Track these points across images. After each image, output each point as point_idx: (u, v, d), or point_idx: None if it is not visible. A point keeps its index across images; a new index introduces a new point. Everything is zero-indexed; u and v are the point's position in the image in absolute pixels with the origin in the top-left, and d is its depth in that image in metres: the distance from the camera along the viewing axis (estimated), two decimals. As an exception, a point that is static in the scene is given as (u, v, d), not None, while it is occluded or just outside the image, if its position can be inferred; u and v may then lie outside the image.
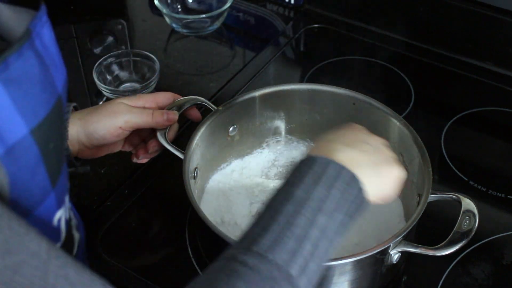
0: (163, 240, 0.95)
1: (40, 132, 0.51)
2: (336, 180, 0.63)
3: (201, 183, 0.96)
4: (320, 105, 0.99)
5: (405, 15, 1.26)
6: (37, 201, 0.52)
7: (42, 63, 0.52)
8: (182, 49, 1.27)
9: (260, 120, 1.00)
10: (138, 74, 1.18)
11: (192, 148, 0.89)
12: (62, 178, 0.56)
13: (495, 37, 1.19)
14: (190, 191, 0.83)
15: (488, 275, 0.90)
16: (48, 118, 0.52)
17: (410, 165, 0.90)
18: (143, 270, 0.89)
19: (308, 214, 0.61)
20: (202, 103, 0.95)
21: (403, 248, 0.80)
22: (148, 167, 1.02)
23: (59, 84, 0.55)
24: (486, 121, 1.14)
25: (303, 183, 0.63)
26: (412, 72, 1.21)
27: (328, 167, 0.64)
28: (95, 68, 1.13)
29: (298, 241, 0.59)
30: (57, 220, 0.56)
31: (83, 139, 0.85)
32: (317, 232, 0.60)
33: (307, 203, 0.61)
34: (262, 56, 1.24)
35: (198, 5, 1.33)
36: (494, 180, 1.02)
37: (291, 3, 1.34)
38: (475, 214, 0.81)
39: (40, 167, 0.52)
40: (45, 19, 0.54)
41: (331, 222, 0.62)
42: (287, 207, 0.61)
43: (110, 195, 0.99)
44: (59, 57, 0.57)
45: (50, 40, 0.54)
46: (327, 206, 0.62)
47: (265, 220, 0.61)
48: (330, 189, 0.63)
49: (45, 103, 0.52)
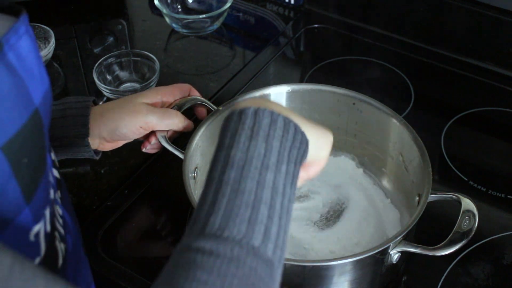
0: (163, 240, 0.95)
1: (11, 148, 0.49)
2: (271, 128, 0.59)
3: (203, 183, 0.95)
4: (320, 105, 0.99)
5: (405, 15, 1.26)
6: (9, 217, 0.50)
7: (15, 77, 0.50)
8: (182, 49, 1.27)
9: None
10: (138, 74, 1.18)
11: (192, 148, 0.89)
12: (40, 192, 0.54)
13: (495, 37, 1.19)
14: (190, 191, 0.83)
15: (488, 275, 0.90)
16: (20, 133, 0.50)
17: (410, 165, 0.90)
18: (143, 270, 0.89)
19: (252, 175, 0.56)
20: (202, 103, 0.95)
21: (403, 248, 0.80)
22: (148, 167, 1.02)
23: (37, 96, 0.53)
24: (486, 121, 1.14)
25: (238, 142, 0.58)
26: (412, 72, 1.21)
27: (258, 116, 0.59)
28: (95, 68, 1.13)
29: (251, 208, 0.54)
30: (34, 235, 0.53)
31: (104, 134, 0.88)
32: (267, 191, 0.56)
33: (248, 164, 0.56)
34: (262, 56, 1.24)
35: (198, 5, 1.33)
36: (494, 180, 1.02)
37: (291, 3, 1.34)
38: (475, 214, 0.81)
39: (11, 183, 0.49)
40: (23, 30, 0.51)
41: (279, 176, 0.57)
42: (229, 174, 0.56)
43: (110, 195, 0.99)
44: (40, 68, 0.54)
45: (28, 51, 0.52)
46: (270, 160, 0.57)
47: (211, 196, 0.55)
48: (267, 141, 0.58)
49: (15, 119, 0.50)
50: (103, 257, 0.90)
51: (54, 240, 0.58)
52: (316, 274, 0.80)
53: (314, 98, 0.99)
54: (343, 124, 0.99)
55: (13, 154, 0.49)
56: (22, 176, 0.51)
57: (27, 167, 0.51)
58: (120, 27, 1.29)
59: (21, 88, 0.51)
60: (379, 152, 0.98)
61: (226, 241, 0.52)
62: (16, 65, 0.51)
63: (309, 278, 0.81)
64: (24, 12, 0.53)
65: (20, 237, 0.51)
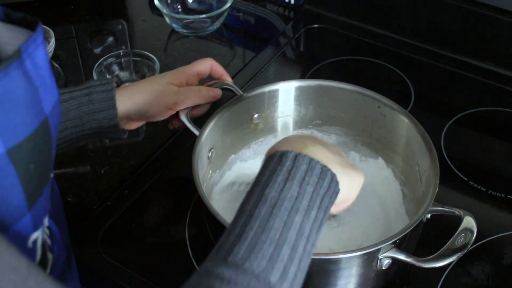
0: (163, 240, 0.95)
1: (18, 153, 0.50)
2: (307, 174, 0.62)
3: (219, 165, 0.97)
4: (346, 105, 0.98)
5: (405, 15, 1.26)
6: (10, 221, 0.51)
7: (30, 84, 0.52)
8: (182, 49, 1.27)
9: (285, 112, 1.00)
10: (138, 74, 1.18)
11: (209, 128, 0.90)
12: (42, 200, 0.55)
13: (495, 37, 1.19)
14: (196, 171, 0.83)
15: (488, 275, 0.90)
16: (29, 140, 0.51)
17: (424, 175, 0.89)
18: (143, 270, 0.89)
19: (282, 215, 0.59)
20: (228, 87, 0.96)
21: (392, 254, 0.79)
22: (148, 167, 1.02)
23: (48, 106, 0.55)
24: (486, 121, 1.14)
25: (274, 182, 0.61)
26: (412, 72, 1.21)
27: (298, 161, 0.62)
28: (95, 68, 1.13)
29: (275, 245, 0.57)
30: (32, 242, 0.55)
31: (132, 115, 0.90)
32: (293, 233, 0.59)
33: (279, 204, 0.60)
34: (262, 56, 1.24)
35: (198, 5, 1.33)
36: (494, 180, 1.02)
37: (291, 3, 1.34)
38: (473, 232, 0.80)
39: (16, 187, 0.51)
40: (40, 40, 0.53)
41: (306, 220, 0.60)
42: (260, 210, 0.59)
43: (110, 195, 0.99)
44: (51, 79, 0.56)
45: (43, 61, 0.54)
46: (301, 203, 0.60)
47: (239, 227, 0.58)
48: (302, 185, 0.61)
49: (27, 124, 0.51)
50: (103, 257, 0.90)
51: (45, 248, 0.59)
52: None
53: (342, 97, 0.98)
54: (368, 126, 0.99)
55: (20, 159, 0.50)
56: (28, 182, 0.52)
57: (33, 174, 0.52)
58: (120, 27, 1.29)
59: (35, 95, 0.52)
60: (399, 159, 0.97)
61: (245, 272, 0.55)
62: (32, 73, 0.52)
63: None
64: (40, 23, 0.54)
65: (19, 243, 0.52)
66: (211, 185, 0.94)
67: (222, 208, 0.90)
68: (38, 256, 0.57)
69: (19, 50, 0.51)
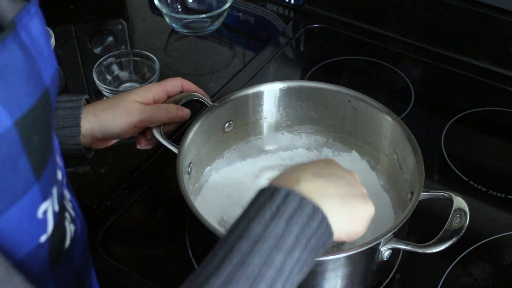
0: (163, 240, 0.95)
1: (23, 124, 0.50)
2: (297, 213, 0.60)
3: (197, 178, 0.96)
4: (316, 103, 0.99)
5: (405, 15, 1.26)
6: (19, 192, 0.52)
7: (28, 55, 0.52)
8: (182, 49, 1.27)
9: (256, 116, 1.00)
10: (138, 74, 1.18)
11: (186, 143, 0.89)
12: (48, 170, 0.55)
13: (495, 37, 1.19)
14: (183, 186, 0.83)
15: (488, 275, 0.90)
16: (33, 110, 0.51)
17: (404, 163, 0.90)
18: (143, 270, 0.89)
19: (263, 252, 0.58)
20: (198, 98, 0.95)
21: (393, 245, 0.80)
22: (148, 167, 1.02)
23: (47, 76, 0.55)
24: (486, 121, 1.14)
25: (261, 218, 0.60)
26: (412, 72, 1.21)
27: (289, 198, 0.61)
28: (95, 68, 1.13)
29: (251, 282, 0.56)
30: (43, 212, 0.55)
31: (97, 134, 0.88)
32: (272, 271, 0.57)
33: (263, 240, 0.58)
34: (262, 56, 1.24)
35: (198, 5, 1.33)
36: (494, 180, 1.02)
37: (291, 3, 1.34)
38: (466, 212, 0.81)
39: (22, 158, 0.51)
40: (34, 11, 0.53)
41: (289, 260, 0.59)
42: (242, 245, 0.58)
43: (110, 195, 0.99)
44: (49, 49, 0.56)
45: (39, 32, 0.54)
46: (285, 243, 0.59)
47: (219, 258, 0.58)
48: (289, 224, 0.60)
49: (29, 95, 0.52)
50: (103, 257, 0.90)
51: (63, 220, 0.59)
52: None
53: (311, 96, 0.99)
54: (339, 122, 0.99)
55: (25, 130, 0.51)
56: (33, 153, 0.52)
57: (37, 144, 0.53)
58: (120, 27, 1.29)
59: (34, 66, 0.52)
60: (374, 150, 0.98)
61: None
62: (28, 44, 0.52)
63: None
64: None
65: (28, 213, 0.53)
66: (193, 198, 0.94)
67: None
68: (50, 227, 0.57)
69: (13, 22, 0.51)
